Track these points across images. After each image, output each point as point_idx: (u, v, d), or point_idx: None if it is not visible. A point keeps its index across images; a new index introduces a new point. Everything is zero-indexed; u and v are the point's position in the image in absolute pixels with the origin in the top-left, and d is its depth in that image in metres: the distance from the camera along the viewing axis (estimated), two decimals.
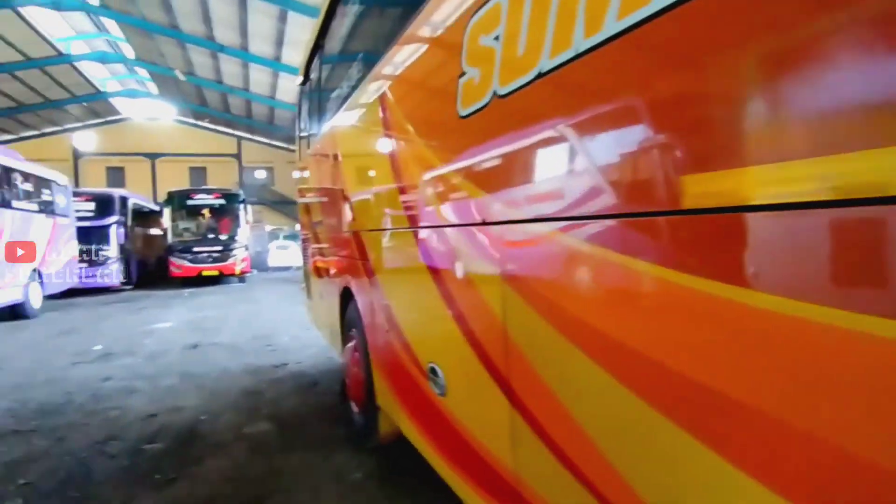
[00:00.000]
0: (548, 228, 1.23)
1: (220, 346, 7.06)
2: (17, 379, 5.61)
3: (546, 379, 1.26)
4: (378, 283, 2.75)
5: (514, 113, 1.32)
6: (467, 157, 1.60)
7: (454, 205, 1.76)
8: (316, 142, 4.52)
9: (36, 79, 22.06)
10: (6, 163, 9.89)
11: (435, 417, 1.99)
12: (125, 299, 13.74)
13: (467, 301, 1.70)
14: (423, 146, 2.03)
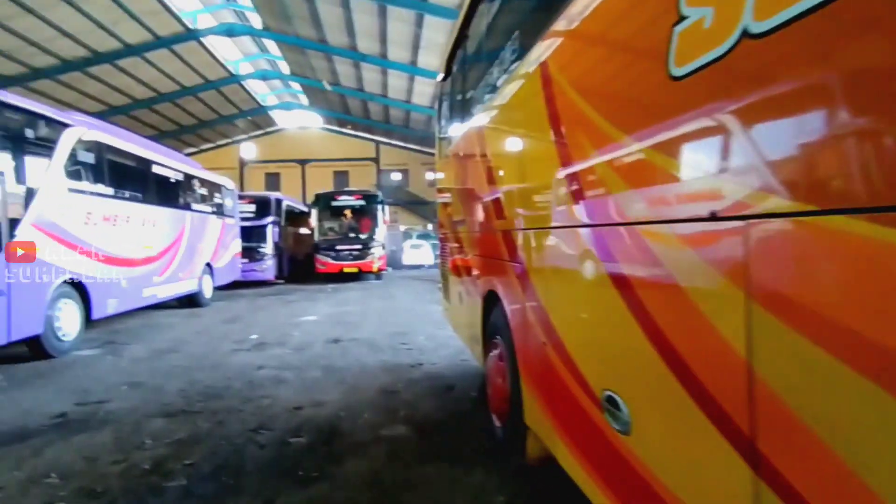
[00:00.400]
0: (836, 224, 0.87)
1: (359, 341, 7.26)
2: (190, 362, 6.19)
3: (825, 439, 0.89)
4: (533, 289, 2.47)
5: (769, 57, 0.98)
6: (684, 129, 1.26)
7: (660, 194, 1.40)
8: (459, 138, 4.37)
9: (212, 98, 24.98)
10: (189, 171, 11.16)
11: (610, 458, 1.64)
12: (278, 292, 14.95)
13: (678, 319, 1.33)
14: (606, 125, 1.68)
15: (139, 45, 17.69)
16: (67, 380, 5.48)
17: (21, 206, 5.85)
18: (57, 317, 6.40)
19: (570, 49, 2.02)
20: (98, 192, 7.51)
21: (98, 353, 6.77)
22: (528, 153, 2.66)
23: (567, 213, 1.99)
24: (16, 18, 14.25)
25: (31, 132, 6.23)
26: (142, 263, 8.72)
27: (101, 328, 8.44)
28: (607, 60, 1.76)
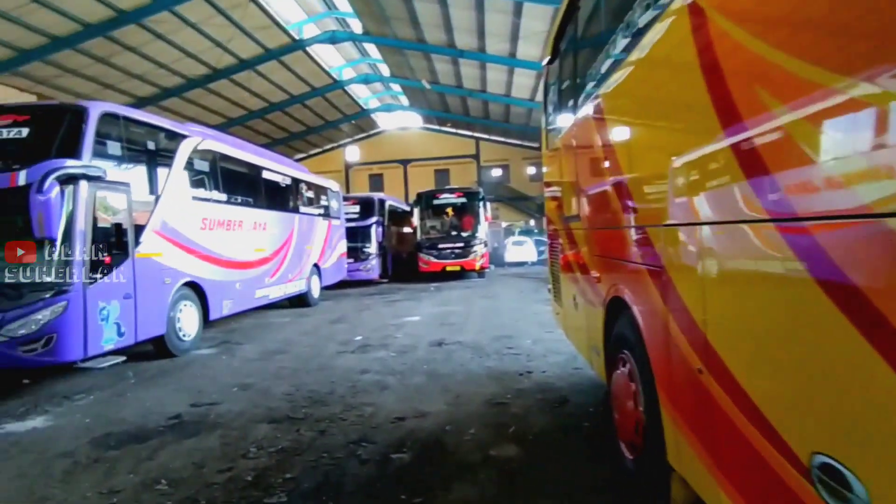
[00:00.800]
0: None
1: (463, 345, 6.98)
2: (297, 364, 6.23)
3: None
4: (681, 300, 1.97)
5: None
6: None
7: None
8: (573, 124, 3.90)
9: (318, 105, 26.08)
10: (296, 175, 11.55)
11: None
12: (382, 291, 15.16)
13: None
14: (809, 70, 1.19)
15: (252, 59, 18.76)
16: (185, 379, 5.70)
17: (145, 214, 6.19)
18: (178, 318, 6.73)
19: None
20: (214, 199, 7.86)
21: (214, 353, 7.06)
22: (673, 127, 2.16)
23: (746, 203, 1.47)
24: (148, 45, 15.62)
25: (153, 144, 6.60)
26: (254, 266, 9.07)
27: (218, 328, 8.89)
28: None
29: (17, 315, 4.76)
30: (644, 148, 2.53)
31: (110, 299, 5.46)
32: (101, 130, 5.54)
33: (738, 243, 1.58)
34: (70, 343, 4.99)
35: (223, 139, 8.70)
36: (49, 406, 4.82)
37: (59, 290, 4.92)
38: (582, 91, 3.69)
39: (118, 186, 5.70)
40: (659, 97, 2.29)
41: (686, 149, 1.93)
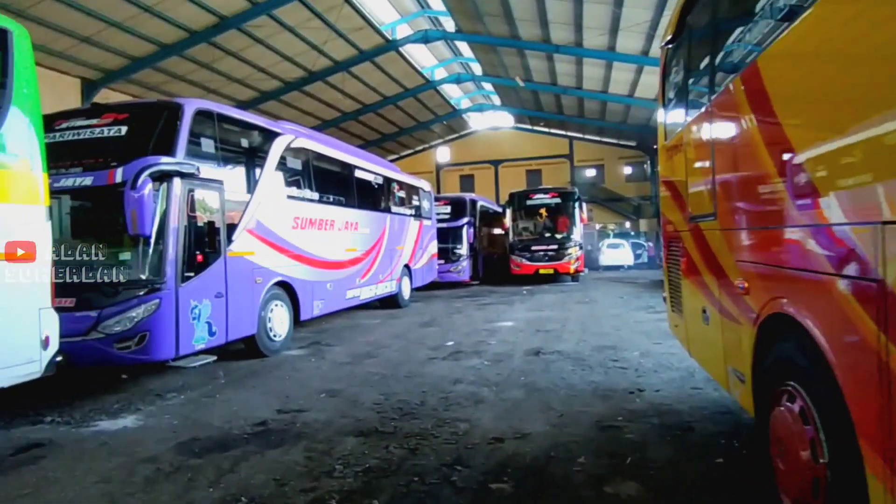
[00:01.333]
0: None
1: (562, 355, 6.38)
2: (387, 370, 5.94)
3: None
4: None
5: None
6: None
7: None
8: (708, 107, 3.22)
9: (410, 106, 26.25)
10: (388, 174, 11.43)
11: None
12: (473, 294, 14.76)
13: None
14: None
15: (346, 61, 19.10)
16: (273, 382, 5.55)
17: (237, 213, 6.17)
18: (269, 318, 6.68)
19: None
20: (306, 198, 7.80)
21: (304, 355, 6.94)
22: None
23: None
24: (248, 49, 16.30)
25: (246, 142, 6.59)
26: (345, 266, 8.97)
27: (309, 328, 8.85)
28: None
29: (113, 312, 4.80)
30: (840, 115, 1.86)
31: (202, 298, 5.43)
32: (196, 128, 5.54)
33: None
34: (162, 341, 4.97)
35: (316, 137, 8.68)
36: (142, 404, 4.82)
37: (152, 289, 4.92)
38: (724, 63, 3.03)
39: (211, 184, 5.68)
40: (867, 42, 1.64)
41: None
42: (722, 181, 3.06)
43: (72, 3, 12.24)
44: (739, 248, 2.80)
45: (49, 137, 5.42)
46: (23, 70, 3.81)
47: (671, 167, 4.40)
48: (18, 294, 3.65)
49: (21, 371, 3.67)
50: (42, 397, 4.91)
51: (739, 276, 2.77)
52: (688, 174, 3.86)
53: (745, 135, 2.63)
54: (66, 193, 5.12)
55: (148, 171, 4.65)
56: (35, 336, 3.75)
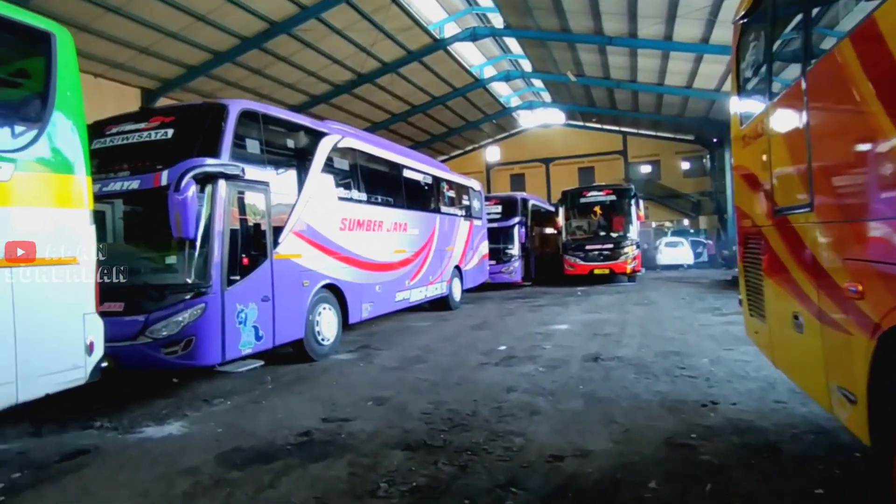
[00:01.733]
0: None
1: (623, 361, 5.94)
2: (436, 376, 5.68)
3: None
4: None
5: None
6: None
7: None
8: (800, 81, 2.77)
9: (459, 105, 26.03)
10: (437, 174, 11.20)
11: None
12: (525, 295, 14.34)
13: None
14: None
15: (394, 62, 19.06)
16: (320, 388, 5.39)
17: (283, 214, 6.06)
18: (317, 321, 6.55)
19: None
20: (354, 198, 7.66)
21: (352, 359, 6.78)
22: None
23: None
24: (297, 54, 16.49)
25: (292, 142, 6.49)
26: (394, 268, 8.78)
27: (358, 331, 8.71)
28: None
29: (160, 317, 4.75)
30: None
31: (248, 302, 5.33)
32: (241, 129, 5.46)
33: None
34: (208, 346, 4.89)
35: (363, 137, 8.54)
36: (189, 410, 4.74)
37: (198, 293, 4.85)
38: (822, 24, 2.59)
39: (257, 185, 5.59)
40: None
41: None
42: (821, 167, 2.62)
43: (131, 15, 12.67)
44: (849, 244, 2.37)
45: (100, 143, 5.51)
46: (66, 73, 3.76)
47: (749, 156, 3.93)
48: (61, 299, 3.60)
49: (66, 377, 3.62)
50: (98, 399, 4.94)
51: (849, 277, 2.33)
52: (772, 161, 3.40)
53: (859, 108, 2.20)
54: (115, 197, 5.13)
55: (191, 172, 4.57)
56: (79, 342, 3.70)
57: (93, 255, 3.84)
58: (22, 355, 3.34)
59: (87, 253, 3.79)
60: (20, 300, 3.33)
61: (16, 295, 3.31)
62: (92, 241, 3.84)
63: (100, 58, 13.87)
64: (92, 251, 3.83)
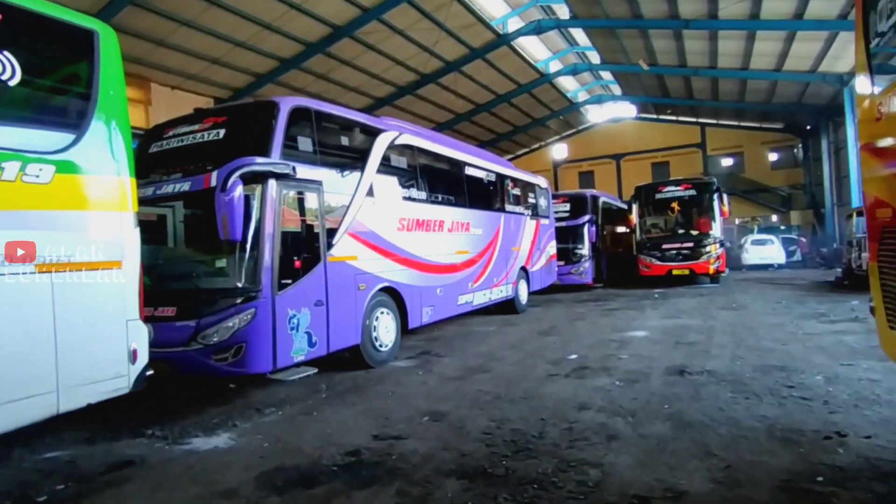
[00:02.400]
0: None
1: (714, 376, 5.22)
2: (499, 388, 5.21)
3: None
4: None
5: None
6: None
7: None
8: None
9: (525, 102, 25.36)
10: (501, 171, 10.71)
11: None
12: (596, 298, 13.55)
13: None
14: None
15: (457, 60, 18.73)
16: (375, 399, 5.04)
17: (338, 215, 5.78)
18: (374, 327, 6.24)
19: None
20: (412, 197, 7.32)
21: (411, 366, 6.41)
22: None
23: None
24: (361, 56, 16.49)
25: (347, 140, 6.22)
26: (456, 270, 8.38)
27: (419, 336, 8.36)
28: None
29: (210, 322, 4.57)
30: None
31: (300, 307, 5.07)
32: (292, 126, 5.22)
33: None
34: (259, 353, 4.65)
35: (421, 133, 8.19)
36: (240, 419, 4.51)
37: (248, 297, 4.62)
38: None
39: (309, 185, 5.33)
40: None
41: None
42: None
43: (202, 27, 13.02)
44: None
45: (156, 146, 5.45)
46: (109, 72, 3.61)
47: (886, 132, 3.18)
48: (103, 305, 3.43)
49: (108, 387, 3.45)
50: (153, 404, 4.86)
51: None
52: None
53: None
54: (168, 200, 5.02)
55: (238, 172, 4.34)
56: (122, 350, 3.52)
57: (137, 259, 3.67)
58: (63, 364, 3.19)
59: (131, 257, 3.62)
60: (61, 306, 3.18)
61: (56, 301, 3.17)
62: (136, 245, 3.67)
63: (175, 70, 14.41)
64: (136, 255, 3.66)
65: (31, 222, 3.07)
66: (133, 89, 14.00)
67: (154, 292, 5.02)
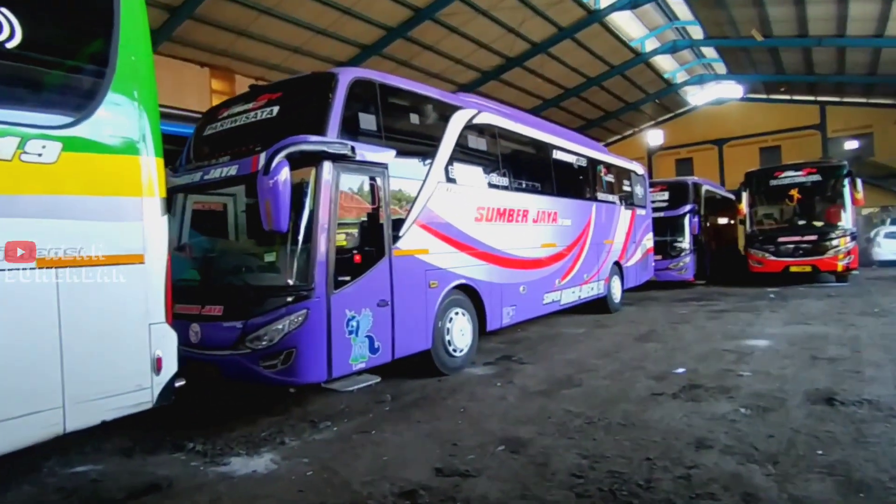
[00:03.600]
0: None
1: (879, 408, 4.04)
2: (591, 409, 4.34)
3: None
4: None
5: None
6: None
7: None
8: None
9: (617, 85, 23.61)
10: (594, 155, 9.68)
11: None
12: (700, 297, 12.09)
13: None
14: None
15: (544, 42, 17.56)
16: (444, 417, 4.32)
17: (406, 202, 5.11)
18: (448, 329, 5.53)
19: None
20: (492, 184, 6.52)
21: (488, 375, 5.65)
22: None
23: None
24: (443, 41, 15.79)
25: (417, 117, 5.53)
26: (542, 265, 7.50)
27: (500, 337, 7.57)
28: None
29: (258, 324, 4.05)
30: None
31: (361, 308, 4.44)
32: (353, 102, 4.58)
33: None
34: (311, 361, 4.08)
35: (504, 112, 7.35)
36: (289, 435, 3.97)
37: (299, 297, 4.05)
38: None
39: (373, 168, 4.68)
40: None
41: None
42: None
43: (283, 15, 12.89)
44: None
45: (211, 128, 5.03)
46: (131, 34, 3.09)
47: None
48: (121, 306, 2.95)
49: (126, 401, 2.97)
50: (210, 408, 4.48)
51: None
52: None
53: None
54: (214, 186, 4.57)
55: (283, 152, 3.76)
56: (144, 358, 3.03)
57: (163, 252, 3.16)
58: (70, 376, 2.73)
59: (157, 250, 3.12)
60: (68, 309, 2.72)
61: (62, 301, 2.70)
62: (163, 236, 3.17)
63: (258, 61, 14.45)
64: (163, 248, 3.16)
65: (32, 209, 2.61)
66: (218, 81, 14.21)
67: (202, 289, 4.63)
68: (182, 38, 12.68)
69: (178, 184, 4.66)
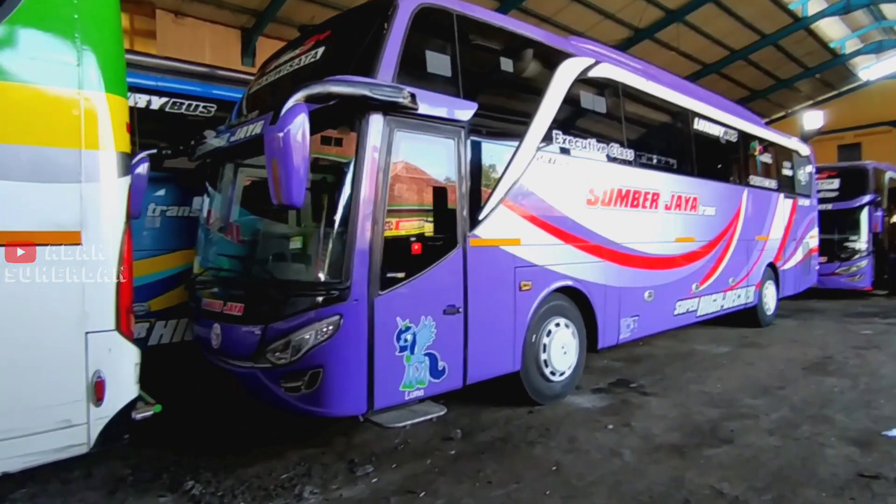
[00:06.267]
0: None
1: None
2: (754, 492, 2.84)
3: None
4: None
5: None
6: None
7: None
8: None
9: (767, 59, 20.33)
10: (746, 128, 7.72)
11: None
12: (884, 312, 9.46)
13: None
14: None
15: (680, 9, 15.24)
16: (527, 476, 3.01)
17: (488, 176, 3.83)
18: (544, 345, 4.19)
19: None
20: (611, 157, 5.02)
21: (597, 409, 4.21)
22: None
23: None
24: (562, 12, 14.22)
25: (509, 63, 4.18)
26: (676, 264, 5.87)
27: (614, 352, 6.00)
28: None
29: (279, 331, 3.02)
30: None
31: (419, 315, 3.25)
32: (418, 35, 3.39)
33: None
34: (343, 385, 2.97)
35: (630, 66, 5.77)
36: (314, 483, 2.92)
37: (329, 298, 2.95)
38: None
39: (442, 126, 3.46)
40: None
41: None
42: None
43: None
44: None
45: (256, 84, 4.13)
46: None
47: None
48: (36, 306, 2.03)
49: (47, 444, 2.05)
50: (237, 427, 3.58)
51: None
52: None
53: None
54: (240, 149, 3.60)
55: (300, 93, 2.65)
56: (75, 382, 2.10)
57: (117, 229, 2.21)
58: None
59: (104, 226, 2.18)
60: None
61: None
62: (117, 207, 2.22)
63: None
64: (115, 223, 2.21)
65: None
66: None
67: (227, 280, 3.73)
68: (287, 18, 12.26)
69: (205, 150, 3.81)
